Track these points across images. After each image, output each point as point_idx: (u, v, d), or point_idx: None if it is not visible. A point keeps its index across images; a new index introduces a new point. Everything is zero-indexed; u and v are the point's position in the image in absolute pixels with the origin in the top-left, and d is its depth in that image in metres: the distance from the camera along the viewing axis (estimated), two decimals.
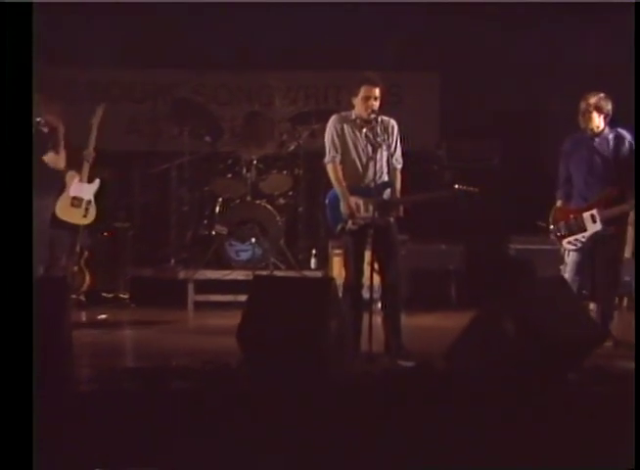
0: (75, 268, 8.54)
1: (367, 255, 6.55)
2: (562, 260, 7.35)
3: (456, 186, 6.57)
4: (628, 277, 9.04)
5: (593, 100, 7.03)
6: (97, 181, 8.22)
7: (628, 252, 9.06)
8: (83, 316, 8.17)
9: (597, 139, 7.10)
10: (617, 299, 9.04)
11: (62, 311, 5.34)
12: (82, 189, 8.11)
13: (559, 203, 7.27)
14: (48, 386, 4.69)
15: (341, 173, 6.52)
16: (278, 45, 9.92)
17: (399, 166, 6.64)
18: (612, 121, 7.15)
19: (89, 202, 8.15)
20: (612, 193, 7.06)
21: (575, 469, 4.28)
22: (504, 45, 9.95)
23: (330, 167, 6.57)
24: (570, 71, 9.79)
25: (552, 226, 7.20)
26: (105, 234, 9.19)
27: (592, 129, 7.08)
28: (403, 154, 6.69)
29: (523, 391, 4.95)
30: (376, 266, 6.44)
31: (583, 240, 7.06)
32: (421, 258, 9.19)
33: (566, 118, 7.46)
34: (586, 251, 7.09)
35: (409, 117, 8.94)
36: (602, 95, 7.08)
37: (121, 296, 8.91)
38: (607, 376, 5.49)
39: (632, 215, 9.16)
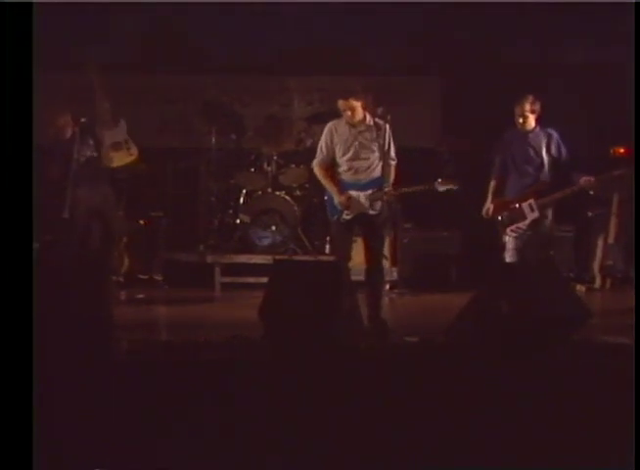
0: (115, 253, 8.55)
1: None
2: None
3: (439, 180, 6.51)
4: (611, 261, 9.04)
5: (528, 104, 7.13)
6: (122, 121, 7.87)
7: (611, 238, 9.07)
8: (122, 295, 8.18)
9: (531, 135, 7.20)
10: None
11: (104, 291, 5.38)
12: (114, 133, 7.81)
13: (491, 194, 7.31)
14: (91, 355, 4.73)
15: (325, 173, 6.53)
16: (296, 52, 9.92)
17: (393, 163, 6.53)
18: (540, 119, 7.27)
19: (126, 141, 7.84)
20: (544, 183, 7.13)
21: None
22: (503, 45, 9.82)
23: (315, 169, 6.63)
24: (569, 71, 9.66)
25: (499, 217, 7.24)
26: (141, 222, 9.20)
27: (527, 128, 7.19)
28: (410, 150, 6.63)
29: (515, 363, 4.97)
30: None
31: (524, 227, 7.12)
32: (424, 243, 9.28)
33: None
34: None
35: (415, 117, 8.98)
36: (532, 98, 7.17)
37: (156, 277, 8.93)
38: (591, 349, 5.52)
39: (615, 205, 9.18)
